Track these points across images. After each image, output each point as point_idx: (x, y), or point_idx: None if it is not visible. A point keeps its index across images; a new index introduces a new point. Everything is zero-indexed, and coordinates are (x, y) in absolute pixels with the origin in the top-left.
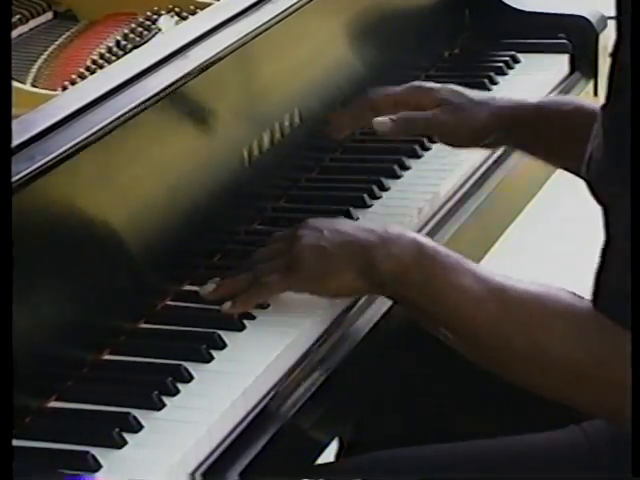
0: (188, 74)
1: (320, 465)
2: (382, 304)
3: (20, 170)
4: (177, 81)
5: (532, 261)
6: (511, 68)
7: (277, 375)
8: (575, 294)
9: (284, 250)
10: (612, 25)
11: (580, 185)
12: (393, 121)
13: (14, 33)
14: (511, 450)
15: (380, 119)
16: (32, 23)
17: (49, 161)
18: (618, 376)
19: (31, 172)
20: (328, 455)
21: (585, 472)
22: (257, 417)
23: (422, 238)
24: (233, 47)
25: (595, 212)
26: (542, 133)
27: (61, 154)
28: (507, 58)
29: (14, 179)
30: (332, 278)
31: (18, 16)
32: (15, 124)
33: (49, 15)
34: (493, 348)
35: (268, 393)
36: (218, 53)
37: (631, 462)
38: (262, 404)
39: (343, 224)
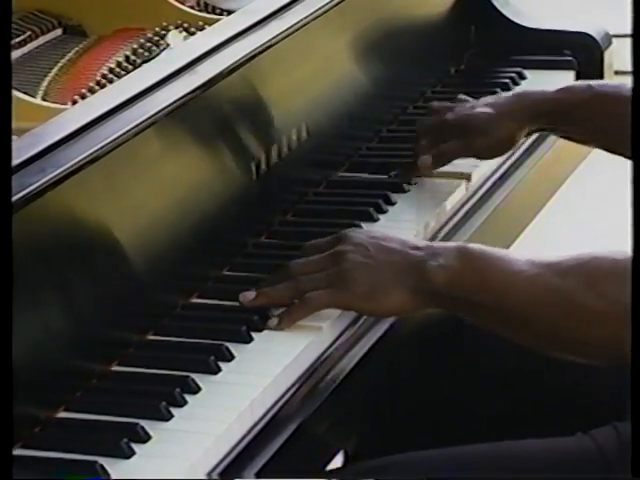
0: (197, 89)
1: (329, 471)
2: (385, 320)
3: (31, 182)
4: (186, 95)
5: None
6: (517, 84)
7: (284, 387)
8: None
9: (328, 264)
10: (617, 43)
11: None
12: (432, 157)
13: (25, 49)
14: (519, 455)
15: (424, 158)
16: (42, 39)
17: (60, 173)
18: None
19: (42, 184)
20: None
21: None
22: (264, 428)
23: (464, 244)
24: (241, 62)
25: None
26: (571, 123)
27: (71, 167)
28: (513, 74)
29: (25, 191)
30: (383, 297)
31: (28, 33)
32: (26, 137)
33: (58, 32)
34: (550, 316)
35: (275, 404)
36: (226, 68)
37: (631, 462)
38: (269, 415)
39: (387, 239)
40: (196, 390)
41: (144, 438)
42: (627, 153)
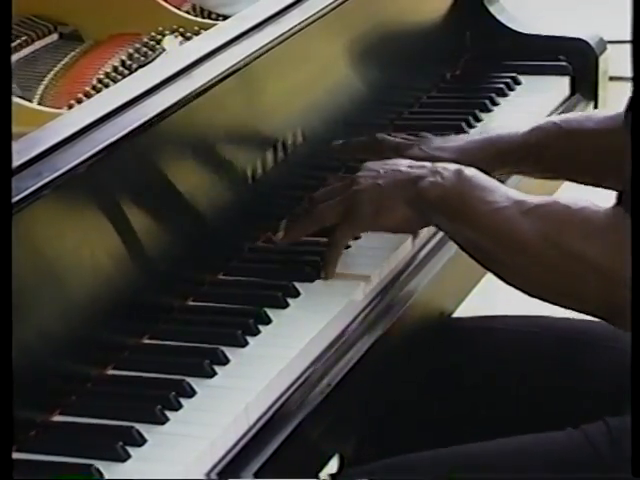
0: (192, 93)
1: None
2: (379, 325)
3: (28, 186)
4: (181, 100)
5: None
6: (512, 90)
7: (279, 390)
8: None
9: (342, 190)
10: (611, 48)
11: None
12: None
13: (21, 53)
14: (512, 451)
15: None
16: (38, 44)
17: (56, 177)
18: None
19: (38, 188)
20: (329, 471)
21: (587, 474)
22: (259, 432)
23: (463, 167)
24: (236, 67)
25: None
26: (541, 163)
27: (68, 171)
28: (508, 80)
29: (22, 195)
30: (389, 213)
31: (24, 37)
32: (23, 141)
33: (55, 36)
34: (514, 249)
35: (270, 408)
36: (222, 73)
37: (631, 462)
38: (264, 419)
39: (397, 163)
40: (191, 394)
41: (139, 442)
42: (596, 182)
